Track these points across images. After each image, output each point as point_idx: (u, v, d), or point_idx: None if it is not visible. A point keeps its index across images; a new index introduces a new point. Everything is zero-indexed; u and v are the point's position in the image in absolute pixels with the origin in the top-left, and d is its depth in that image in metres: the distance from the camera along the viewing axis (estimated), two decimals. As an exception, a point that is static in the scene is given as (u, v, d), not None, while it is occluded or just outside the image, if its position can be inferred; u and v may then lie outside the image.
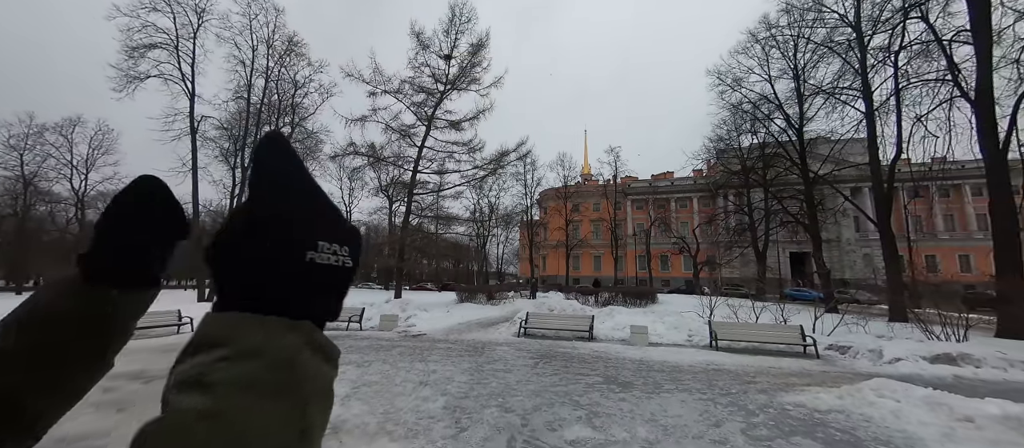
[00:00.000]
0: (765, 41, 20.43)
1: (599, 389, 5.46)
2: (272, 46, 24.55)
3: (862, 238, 40.86)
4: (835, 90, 17.48)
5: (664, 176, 51.95)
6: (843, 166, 20.21)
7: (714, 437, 3.84)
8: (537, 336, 10.31)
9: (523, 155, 20.98)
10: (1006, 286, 10.47)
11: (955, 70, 12.78)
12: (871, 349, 8.06)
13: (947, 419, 3.94)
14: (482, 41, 17.96)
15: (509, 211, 43.71)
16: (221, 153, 25.55)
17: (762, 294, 19.65)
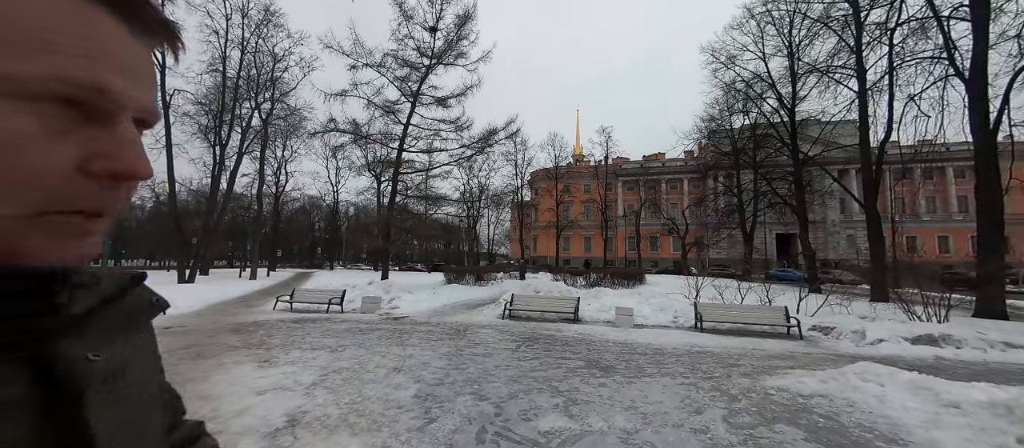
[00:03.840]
0: (761, 16, 19.93)
1: (580, 374, 5.29)
2: (247, 15, 23.27)
3: (847, 219, 41.52)
4: (829, 68, 17.22)
5: (655, 157, 51.77)
6: (832, 147, 20.16)
7: (695, 425, 3.69)
8: (522, 318, 10.16)
9: (512, 134, 20.42)
10: (987, 267, 10.58)
11: (951, 47, 12.55)
12: (854, 330, 8.05)
13: (932, 405, 3.83)
14: (469, 12, 17.15)
15: (500, 192, 43.33)
16: (199, 129, 24.48)
17: (748, 275, 19.83)
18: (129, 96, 0.26)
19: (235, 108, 23.81)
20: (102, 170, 0.25)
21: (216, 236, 28.40)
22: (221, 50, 22.95)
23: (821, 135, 19.15)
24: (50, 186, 0.24)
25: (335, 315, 10.66)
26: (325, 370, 5.22)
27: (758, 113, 23.16)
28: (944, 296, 9.05)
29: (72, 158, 0.24)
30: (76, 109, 0.24)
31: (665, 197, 47.29)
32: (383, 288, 13.88)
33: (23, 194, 0.23)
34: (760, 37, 21.00)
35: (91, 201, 0.25)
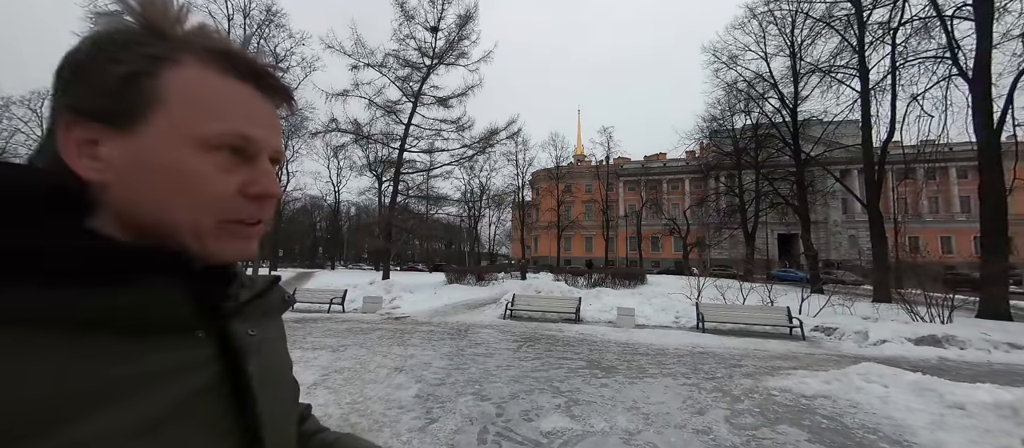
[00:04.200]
0: (763, 16, 19.87)
1: (581, 374, 5.27)
2: (249, 15, 23.29)
3: (849, 220, 41.40)
4: (831, 68, 17.17)
5: (657, 157, 51.68)
6: (834, 148, 20.09)
7: (697, 426, 3.67)
8: (523, 318, 10.15)
9: (513, 134, 20.41)
10: (990, 268, 10.52)
11: (954, 47, 12.50)
12: (857, 331, 8.02)
13: (937, 406, 3.81)
14: (470, 12, 17.15)
15: (501, 192, 43.29)
16: (200, 130, 24.50)
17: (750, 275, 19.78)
18: (266, 142, 0.37)
19: (237, 108, 23.87)
20: (253, 192, 0.37)
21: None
22: (223, 50, 22.99)
23: (823, 135, 19.09)
24: (224, 204, 0.35)
25: (336, 315, 10.67)
26: (326, 370, 5.21)
27: (760, 113, 23.10)
28: (947, 297, 9.01)
29: (235, 185, 0.36)
30: (236, 153, 0.35)
31: (666, 197, 47.22)
32: (384, 288, 13.89)
33: (210, 209, 0.35)
34: (762, 37, 20.95)
35: (248, 213, 0.37)
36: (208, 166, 0.34)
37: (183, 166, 0.33)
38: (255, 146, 0.36)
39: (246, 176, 0.36)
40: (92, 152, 0.32)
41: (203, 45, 0.35)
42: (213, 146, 0.34)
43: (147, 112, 0.32)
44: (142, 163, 0.32)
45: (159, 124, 0.32)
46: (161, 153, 0.33)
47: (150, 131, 0.32)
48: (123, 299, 0.30)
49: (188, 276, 0.34)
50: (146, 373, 0.31)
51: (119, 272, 0.31)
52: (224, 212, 0.35)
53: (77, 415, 0.26)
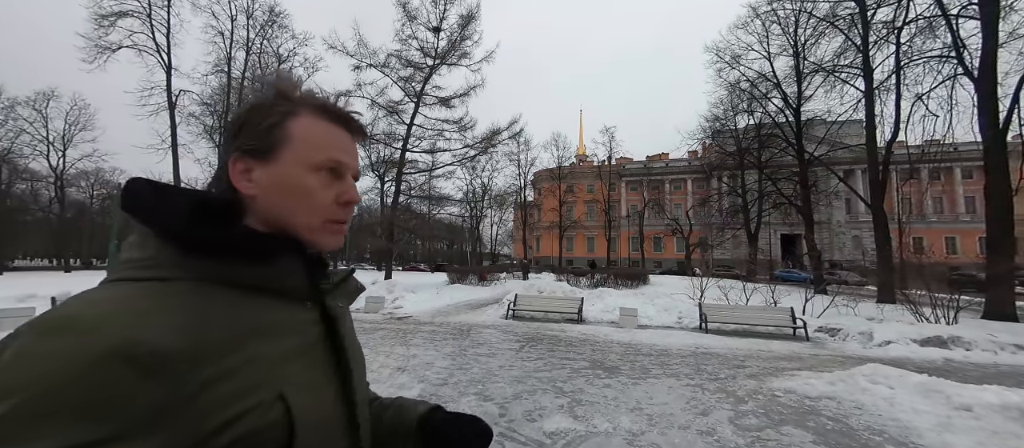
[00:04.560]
0: (766, 16, 19.77)
1: (584, 375, 5.26)
2: (252, 16, 23.37)
3: (852, 220, 41.19)
4: (835, 68, 17.06)
5: (659, 157, 51.57)
6: (838, 147, 19.98)
7: (701, 427, 3.65)
8: (525, 318, 10.13)
9: (515, 134, 20.47)
10: (996, 268, 10.43)
11: (960, 46, 12.40)
12: (861, 331, 7.97)
13: (944, 408, 3.77)
14: (472, 12, 17.19)
15: (503, 192, 43.23)
16: (205, 130, 24.59)
17: (753, 275, 19.69)
18: (351, 165, 0.53)
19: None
20: (343, 200, 0.52)
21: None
22: (226, 51, 23.03)
23: (827, 135, 18.99)
24: (327, 209, 0.51)
25: (339, 315, 10.67)
26: (329, 370, 5.21)
27: (763, 113, 22.99)
28: (952, 298, 8.94)
29: (333, 195, 0.52)
30: (332, 173, 0.51)
31: (669, 197, 47.11)
32: (387, 288, 13.90)
33: (319, 213, 0.50)
34: (765, 36, 20.84)
35: (340, 216, 0.52)
36: (317, 183, 0.50)
37: (302, 183, 0.49)
38: (344, 168, 0.52)
39: (339, 189, 0.52)
40: (248, 176, 0.49)
41: (311, 102, 0.52)
42: (319, 168, 0.50)
43: (280, 148, 0.49)
44: (277, 182, 0.49)
45: (287, 156, 0.49)
46: (288, 175, 0.49)
47: (281, 160, 0.49)
48: (271, 272, 0.47)
49: (303, 258, 0.50)
50: (283, 322, 0.46)
51: (267, 254, 0.47)
52: (327, 215, 0.51)
53: (244, 343, 0.41)
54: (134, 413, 0.33)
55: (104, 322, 0.35)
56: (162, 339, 0.36)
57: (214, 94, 23.78)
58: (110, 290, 0.40)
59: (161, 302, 0.39)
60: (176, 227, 0.43)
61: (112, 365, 0.33)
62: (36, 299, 9.71)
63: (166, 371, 0.35)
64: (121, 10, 19.46)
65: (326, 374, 0.49)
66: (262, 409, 0.39)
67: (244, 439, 0.38)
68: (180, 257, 0.42)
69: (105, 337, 0.34)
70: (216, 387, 0.37)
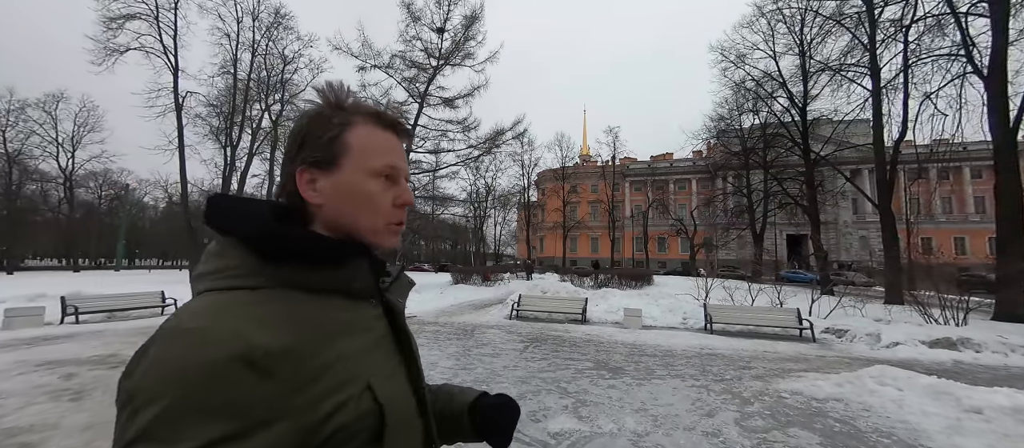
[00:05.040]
0: (771, 14, 19.65)
1: (588, 375, 5.25)
2: (258, 18, 23.52)
3: (860, 220, 40.81)
4: (842, 67, 16.91)
5: (663, 157, 51.38)
6: (845, 147, 19.81)
7: (706, 428, 3.63)
8: (529, 318, 10.13)
9: (519, 134, 20.49)
10: (1006, 269, 10.29)
11: (969, 44, 12.25)
12: (869, 333, 7.88)
13: (953, 410, 3.72)
14: (476, 13, 17.22)
15: (506, 192, 43.26)
16: (211, 131, 24.79)
17: (758, 276, 19.55)
18: (403, 169, 0.57)
19: (246, 110, 24.04)
20: (401, 203, 0.56)
21: (227, 236, 28.66)
22: (232, 53, 23.20)
23: (833, 134, 18.82)
24: (387, 212, 0.55)
25: (343, 314, 10.71)
26: (334, 369, 5.23)
27: (768, 112, 22.85)
28: (962, 299, 8.82)
29: (390, 198, 0.55)
30: (388, 177, 0.55)
31: (673, 197, 46.91)
32: (391, 288, 13.92)
33: (379, 216, 0.54)
34: (770, 35, 20.73)
35: (398, 218, 0.56)
36: (377, 188, 0.54)
37: (364, 189, 0.53)
38: (398, 172, 0.56)
39: (395, 192, 0.56)
40: (313, 186, 0.52)
41: (364, 110, 0.55)
42: (378, 175, 0.54)
43: (341, 158, 0.52)
44: (340, 190, 0.52)
45: (347, 165, 0.52)
46: (351, 183, 0.53)
47: (343, 170, 0.52)
48: (341, 275, 0.50)
49: (368, 260, 0.54)
50: (356, 320, 0.51)
51: (340, 257, 0.50)
52: (387, 217, 0.55)
53: (336, 338, 0.46)
54: (256, 410, 0.37)
55: (223, 331, 0.39)
56: (271, 342, 0.40)
57: (220, 95, 23.95)
58: (213, 299, 0.44)
59: (261, 310, 0.43)
60: (259, 237, 0.46)
61: (235, 369, 0.37)
62: (46, 298, 9.84)
63: (277, 371, 0.39)
64: (129, 13, 19.68)
65: (395, 364, 0.54)
66: (355, 399, 0.44)
67: (344, 427, 0.42)
68: (261, 265, 0.46)
69: (227, 345, 0.38)
70: (317, 382, 0.42)
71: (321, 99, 0.55)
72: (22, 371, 4.75)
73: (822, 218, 22.31)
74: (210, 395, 0.36)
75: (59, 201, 38.92)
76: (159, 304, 10.07)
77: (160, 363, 0.38)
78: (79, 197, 40.04)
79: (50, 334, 7.19)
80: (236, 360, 0.37)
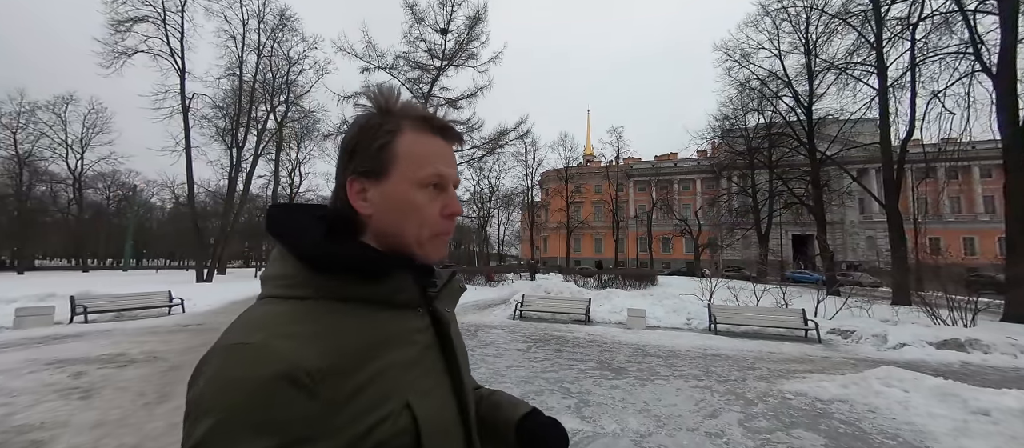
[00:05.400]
0: (776, 13, 19.54)
1: (591, 375, 5.25)
2: (263, 20, 23.75)
3: (866, 220, 40.43)
4: (848, 66, 16.77)
5: (668, 157, 51.18)
6: (851, 146, 19.63)
7: (710, 429, 3.62)
8: (533, 319, 10.13)
9: (522, 135, 20.49)
10: (1016, 270, 10.16)
11: (977, 42, 12.11)
12: (875, 334, 7.81)
13: (960, 411, 3.69)
14: (479, 14, 17.24)
15: (510, 192, 43.27)
16: (217, 132, 25.05)
17: (763, 276, 19.43)
18: (452, 176, 0.55)
19: (251, 111, 24.27)
20: (448, 212, 0.55)
21: (233, 236, 29.01)
22: (238, 54, 23.45)
23: (839, 134, 18.67)
24: (434, 222, 0.54)
25: (348, 314, 10.76)
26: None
27: (773, 112, 22.71)
28: (970, 299, 8.72)
29: (438, 207, 0.54)
30: (436, 186, 0.54)
31: (677, 197, 46.69)
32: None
33: (427, 226, 0.53)
34: (775, 34, 20.60)
35: (445, 228, 0.55)
36: (424, 198, 0.53)
37: (411, 200, 0.52)
38: (446, 180, 0.54)
39: (442, 201, 0.55)
40: (364, 197, 0.53)
41: (412, 115, 0.54)
42: (425, 184, 0.53)
43: (389, 168, 0.52)
44: (388, 200, 0.52)
45: (396, 175, 0.52)
46: (398, 193, 0.52)
47: (392, 179, 0.52)
48: (385, 289, 0.50)
49: (413, 271, 0.53)
50: (400, 332, 0.51)
51: (383, 271, 0.50)
52: (434, 227, 0.54)
53: (377, 354, 0.47)
54: (300, 427, 0.39)
55: (271, 348, 0.41)
56: (315, 361, 0.41)
57: (226, 97, 24.22)
58: (266, 308, 0.47)
59: (307, 326, 0.44)
60: (310, 252, 0.48)
61: (281, 388, 0.39)
62: (55, 298, 9.97)
63: (321, 390, 0.41)
64: (137, 16, 19.92)
65: (439, 377, 0.53)
66: (393, 417, 0.45)
67: (383, 444, 0.43)
68: (312, 276, 0.48)
69: (272, 363, 0.40)
70: (358, 399, 0.43)
71: (371, 104, 0.55)
72: (33, 370, 4.83)
73: (828, 218, 22.15)
74: (258, 412, 0.38)
75: (68, 202, 39.40)
76: (166, 304, 10.18)
77: (216, 378, 0.40)
78: (88, 198, 40.49)
79: (60, 333, 7.30)
80: (283, 379, 0.39)
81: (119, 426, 3.34)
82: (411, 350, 0.50)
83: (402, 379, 0.47)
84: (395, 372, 0.47)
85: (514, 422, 0.67)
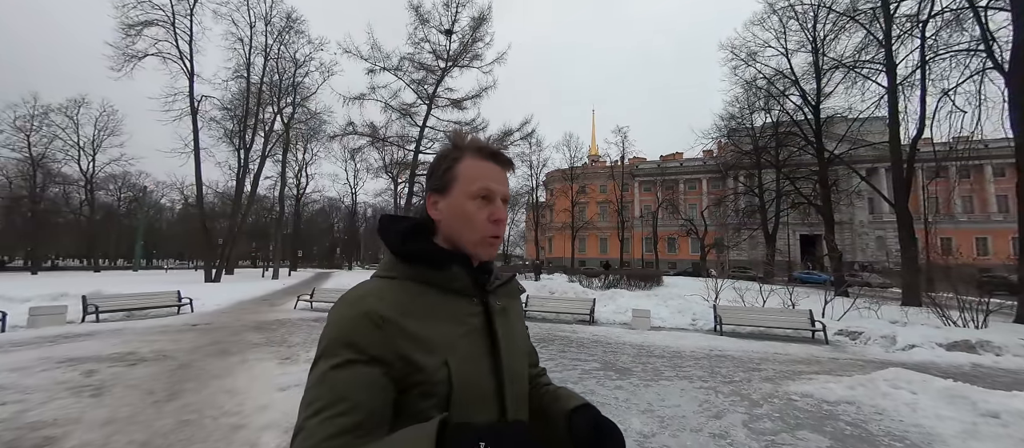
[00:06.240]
0: (783, 11, 19.35)
1: (595, 376, 5.24)
2: (270, 22, 23.99)
3: (876, 220, 39.92)
4: (856, 64, 16.56)
5: (673, 157, 50.91)
6: (860, 145, 19.39)
7: (714, 430, 3.61)
8: (537, 319, 10.13)
9: (527, 135, 20.45)
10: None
11: (989, 39, 11.91)
12: (884, 335, 7.72)
13: (969, 414, 3.64)
14: (484, 15, 17.28)
15: (514, 192, 43.24)
16: (225, 134, 25.31)
17: (770, 277, 19.26)
18: (499, 191, 0.69)
19: (259, 113, 24.51)
20: (494, 219, 0.69)
21: (240, 237, 29.31)
22: (245, 57, 23.71)
23: (848, 133, 18.44)
24: (482, 227, 0.68)
25: (353, 314, 10.82)
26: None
27: (780, 110, 22.50)
28: (982, 300, 8.59)
29: (486, 215, 0.68)
30: (484, 198, 0.68)
31: (683, 197, 46.43)
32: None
33: (478, 231, 0.68)
34: (782, 33, 20.41)
35: (493, 232, 0.69)
36: (474, 207, 0.67)
37: (465, 209, 0.67)
38: (493, 193, 0.68)
39: (489, 210, 0.68)
40: (435, 207, 0.70)
41: (473, 147, 0.70)
42: (475, 197, 0.67)
43: (452, 185, 0.69)
44: (451, 210, 0.69)
45: (456, 190, 0.68)
46: (456, 204, 0.68)
47: (453, 194, 0.68)
48: (444, 276, 0.66)
49: (469, 268, 0.68)
50: (455, 311, 0.66)
51: (442, 263, 0.66)
52: (482, 231, 0.68)
53: (432, 320, 0.63)
54: (372, 348, 0.57)
55: (363, 300, 0.61)
56: (387, 311, 0.60)
57: (234, 99, 24.48)
58: (371, 281, 0.67)
59: (388, 293, 0.63)
60: (392, 248, 0.68)
61: (364, 322, 0.58)
62: (68, 298, 10.15)
63: (388, 329, 0.59)
64: (147, 19, 20.22)
65: (482, 352, 0.66)
66: (434, 367, 0.59)
67: (426, 382, 0.59)
68: (399, 264, 0.67)
69: (361, 307, 0.60)
70: (413, 343, 0.59)
71: (449, 140, 0.73)
72: (45, 367, 4.92)
73: (837, 218, 21.87)
74: (350, 336, 0.57)
75: (81, 203, 40.09)
76: (175, 303, 10.32)
77: (333, 315, 0.61)
78: (99, 199, 41.15)
79: (72, 332, 7.43)
80: (366, 318, 0.58)
81: (129, 423, 3.40)
82: (461, 327, 0.65)
83: (448, 343, 0.62)
84: (443, 337, 0.62)
85: (566, 411, 0.74)
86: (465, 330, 0.65)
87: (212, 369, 5.14)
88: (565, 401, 0.77)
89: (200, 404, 3.89)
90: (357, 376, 0.56)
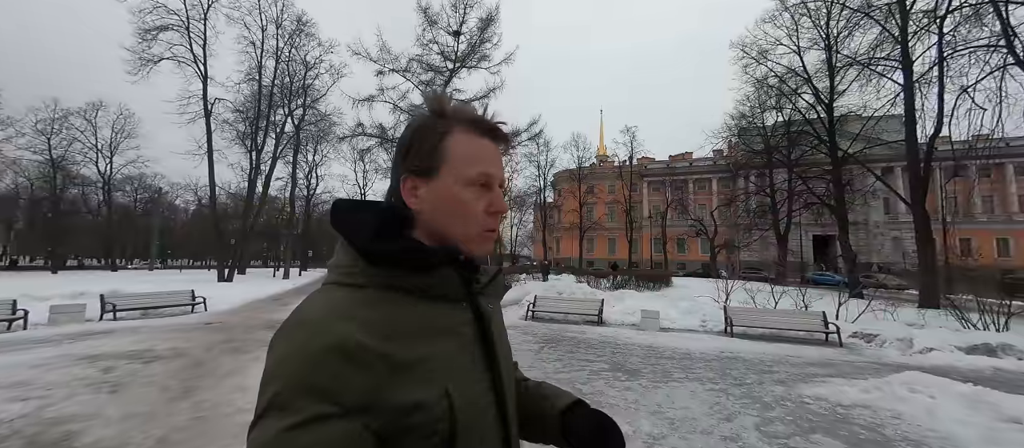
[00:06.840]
0: (795, 9, 18.99)
1: (604, 377, 5.22)
2: (281, 26, 24.34)
3: (892, 220, 39.03)
4: (871, 61, 16.19)
5: (682, 157, 50.42)
6: (875, 144, 18.97)
7: (724, 432, 3.56)
8: (545, 320, 10.12)
9: (535, 136, 20.46)
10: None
11: (1010, 34, 11.58)
12: (900, 338, 7.56)
13: (990, 419, 3.54)
14: (492, 16, 17.27)
15: (522, 193, 43.22)
16: (237, 136, 25.72)
17: (782, 278, 18.96)
18: (498, 176, 0.57)
19: (270, 115, 24.88)
20: (493, 211, 0.56)
21: (252, 237, 29.75)
22: (257, 60, 24.08)
23: (862, 131, 18.06)
24: (479, 219, 0.56)
25: (363, 314, 10.93)
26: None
27: (792, 109, 22.11)
28: (1003, 303, 8.35)
29: (483, 205, 0.56)
30: (482, 185, 0.55)
31: (693, 198, 45.94)
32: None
33: (473, 223, 0.55)
34: (794, 30, 20.05)
35: (490, 225, 0.57)
36: (470, 196, 0.55)
37: (459, 197, 0.54)
38: (492, 180, 0.56)
39: (488, 200, 0.56)
40: (415, 194, 0.55)
41: (463, 117, 0.56)
42: (471, 183, 0.55)
43: (439, 166, 0.54)
44: (437, 198, 0.55)
45: (445, 173, 0.54)
46: (446, 191, 0.54)
47: (441, 178, 0.54)
48: (431, 281, 0.52)
49: (458, 266, 0.55)
50: (445, 324, 0.53)
51: (430, 265, 0.52)
52: (479, 225, 0.56)
53: (424, 341, 0.49)
54: (350, 395, 0.42)
55: (328, 324, 0.45)
56: (365, 339, 0.45)
57: (246, 101, 24.87)
58: (327, 292, 0.52)
59: (360, 309, 0.48)
60: (363, 246, 0.52)
61: (332, 359, 0.43)
62: (87, 296, 10.41)
63: (369, 365, 0.44)
64: (162, 24, 20.68)
65: (480, 370, 0.54)
66: (432, 402, 0.46)
67: (420, 426, 0.45)
68: (367, 267, 0.51)
69: (326, 338, 0.44)
70: (401, 378, 0.45)
71: (426, 106, 0.58)
72: (65, 364, 5.06)
73: (851, 218, 21.44)
74: (314, 379, 0.42)
75: (99, 204, 41.10)
76: (189, 302, 10.53)
77: (280, 351, 0.45)
78: (116, 200, 42.15)
79: (90, 330, 7.63)
80: (336, 351, 0.43)
81: (146, 419, 3.47)
82: (456, 341, 0.52)
83: (443, 368, 0.49)
84: (439, 360, 0.49)
85: (558, 411, 0.69)
86: (459, 345, 0.53)
87: (225, 366, 5.24)
88: (553, 399, 0.71)
89: (214, 400, 3.96)
90: (329, 438, 0.40)
